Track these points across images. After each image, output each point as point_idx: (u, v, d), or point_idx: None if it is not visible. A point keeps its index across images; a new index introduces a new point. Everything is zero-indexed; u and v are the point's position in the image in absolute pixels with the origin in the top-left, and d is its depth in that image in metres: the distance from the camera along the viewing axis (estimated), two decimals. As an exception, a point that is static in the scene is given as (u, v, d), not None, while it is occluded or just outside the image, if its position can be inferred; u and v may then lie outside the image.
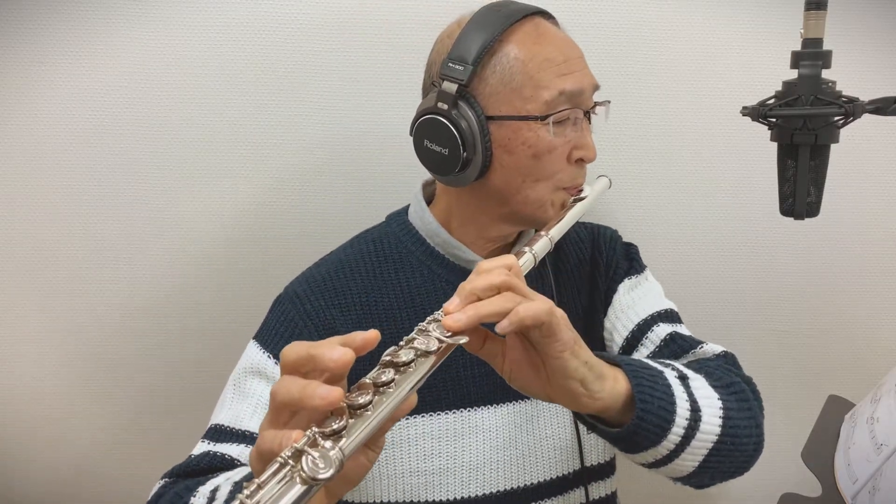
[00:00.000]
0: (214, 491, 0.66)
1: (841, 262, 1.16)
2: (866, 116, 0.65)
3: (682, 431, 0.67)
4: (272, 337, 0.81)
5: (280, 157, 1.09)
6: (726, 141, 1.11)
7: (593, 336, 0.91)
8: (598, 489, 0.90)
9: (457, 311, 0.57)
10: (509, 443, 0.85)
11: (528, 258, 0.71)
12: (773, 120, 0.67)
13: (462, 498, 0.83)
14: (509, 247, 0.89)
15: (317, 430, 0.47)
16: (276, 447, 0.47)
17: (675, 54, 1.09)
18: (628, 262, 0.94)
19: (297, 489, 0.44)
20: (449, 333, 0.56)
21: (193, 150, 1.08)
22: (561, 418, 0.87)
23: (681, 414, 0.67)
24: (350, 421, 0.49)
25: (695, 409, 0.68)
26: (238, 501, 0.43)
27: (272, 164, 1.09)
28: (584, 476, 0.88)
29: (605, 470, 0.91)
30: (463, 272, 0.85)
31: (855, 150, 1.08)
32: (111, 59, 1.04)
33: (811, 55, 0.66)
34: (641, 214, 1.15)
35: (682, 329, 0.88)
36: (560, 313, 0.60)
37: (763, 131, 0.70)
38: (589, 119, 0.81)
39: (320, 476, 0.44)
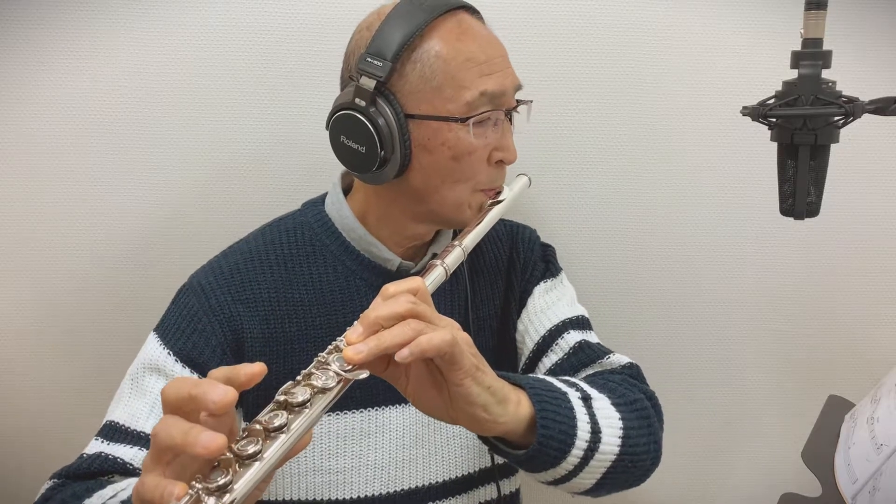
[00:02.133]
0: None
1: (841, 262, 1.16)
2: (866, 116, 0.65)
3: (581, 453, 0.68)
4: (173, 332, 0.78)
5: (281, 157, 1.09)
6: (726, 141, 1.11)
7: (506, 337, 0.91)
8: (504, 486, 0.91)
9: (359, 342, 0.56)
10: (416, 441, 0.84)
11: (439, 273, 0.69)
12: (773, 120, 0.67)
13: (366, 496, 0.83)
14: (426, 245, 0.88)
15: (200, 486, 0.45)
16: (158, 499, 0.45)
17: (675, 54, 1.09)
18: (545, 264, 0.94)
19: None
20: (349, 367, 0.55)
21: (193, 150, 1.08)
22: None
23: (581, 437, 0.68)
24: (238, 470, 0.47)
25: (595, 431, 0.69)
26: None
27: (273, 164, 1.09)
28: (494, 473, 0.89)
29: (511, 468, 0.92)
30: (378, 270, 0.84)
31: (855, 150, 1.08)
32: (111, 59, 1.04)
33: (811, 55, 0.66)
34: (641, 214, 1.15)
35: (592, 336, 0.89)
36: (463, 338, 0.60)
37: (763, 131, 0.69)
38: (510, 119, 0.80)
39: None
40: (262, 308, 0.80)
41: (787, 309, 1.18)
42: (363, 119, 0.73)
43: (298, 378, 0.55)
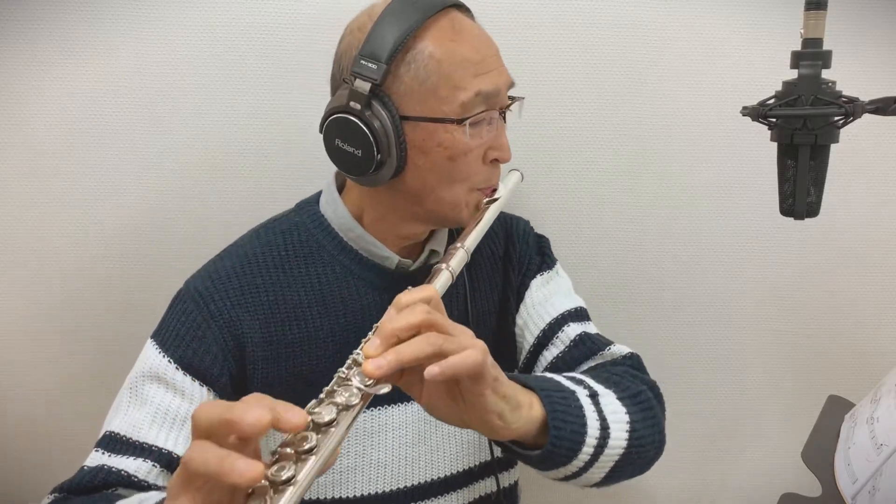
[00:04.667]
0: None
1: (841, 262, 1.16)
2: (866, 116, 0.65)
3: (591, 450, 0.69)
4: (172, 339, 0.77)
5: (283, 156, 1.09)
6: (726, 141, 1.11)
7: (505, 332, 0.92)
8: (503, 479, 0.92)
9: (378, 356, 0.56)
10: (419, 439, 0.85)
11: (445, 277, 0.70)
12: (773, 120, 0.67)
13: (370, 494, 0.83)
14: (423, 243, 0.87)
15: None
16: None
17: (675, 54, 1.09)
18: (540, 257, 0.94)
19: None
20: (369, 381, 0.56)
21: (193, 150, 1.08)
22: None
23: (591, 434, 0.69)
24: (273, 496, 0.47)
25: (604, 427, 0.71)
26: None
27: (274, 163, 1.09)
28: (493, 467, 0.90)
29: (510, 461, 0.94)
30: (377, 268, 0.84)
31: (855, 150, 1.08)
32: (111, 59, 1.04)
33: (811, 55, 0.66)
34: (640, 214, 1.15)
35: (591, 327, 0.90)
36: (482, 348, 0.60)
37: (763, 131, 0.69)
38: (504, 117, 0.80)
39: None
40: (262, 312, 0.79)
41: (787, 309, 1.18)
42: (359, 122, 0.73)
43: (322, 396, 0.56)
